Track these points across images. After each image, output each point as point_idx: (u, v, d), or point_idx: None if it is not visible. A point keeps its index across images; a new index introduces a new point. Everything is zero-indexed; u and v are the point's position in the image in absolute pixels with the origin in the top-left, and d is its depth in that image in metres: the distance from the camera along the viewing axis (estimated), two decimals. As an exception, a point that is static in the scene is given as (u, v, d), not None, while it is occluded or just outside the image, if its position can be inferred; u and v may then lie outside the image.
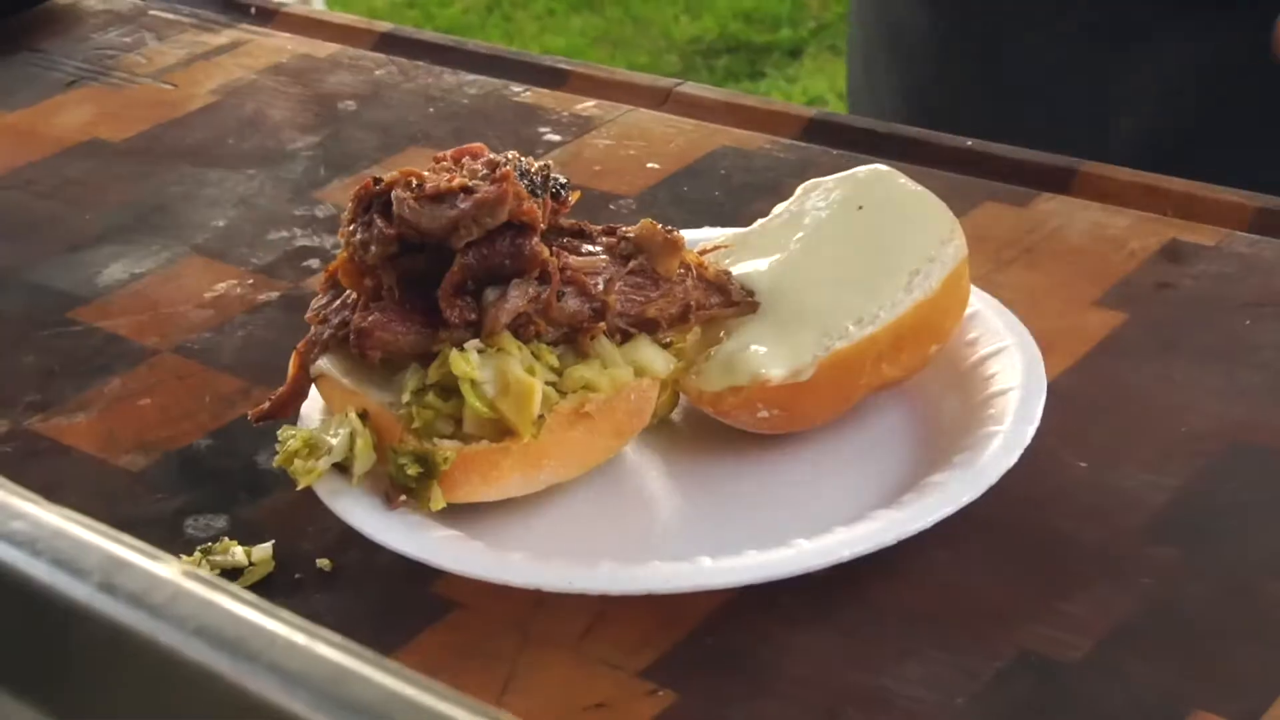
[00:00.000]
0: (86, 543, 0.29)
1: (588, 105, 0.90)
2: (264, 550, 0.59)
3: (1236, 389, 0.63)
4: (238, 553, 0.59)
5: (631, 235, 0.61)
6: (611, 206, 0.80)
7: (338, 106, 0.93)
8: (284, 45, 1.01)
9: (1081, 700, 0.51)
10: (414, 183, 0.58)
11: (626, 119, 0.89)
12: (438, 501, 0.57)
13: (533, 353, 0.58)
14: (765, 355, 0.60)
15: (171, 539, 0.61)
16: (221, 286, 0.77)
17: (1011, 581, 0.55)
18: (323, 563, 0.59)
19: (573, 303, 0.58)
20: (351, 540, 0.59)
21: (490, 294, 0.57)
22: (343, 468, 0.59)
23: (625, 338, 0.60)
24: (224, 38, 1.03)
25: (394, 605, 0.57)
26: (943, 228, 0.63)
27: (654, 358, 0.60)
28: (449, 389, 0.57)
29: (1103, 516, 0.58)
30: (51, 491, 0.64)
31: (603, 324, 0.58)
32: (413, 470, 0.57)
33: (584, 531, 0.59)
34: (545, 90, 0.93)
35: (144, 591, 0.27)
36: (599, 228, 0.62)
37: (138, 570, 0.28)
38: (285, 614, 0.26)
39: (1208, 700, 0.50)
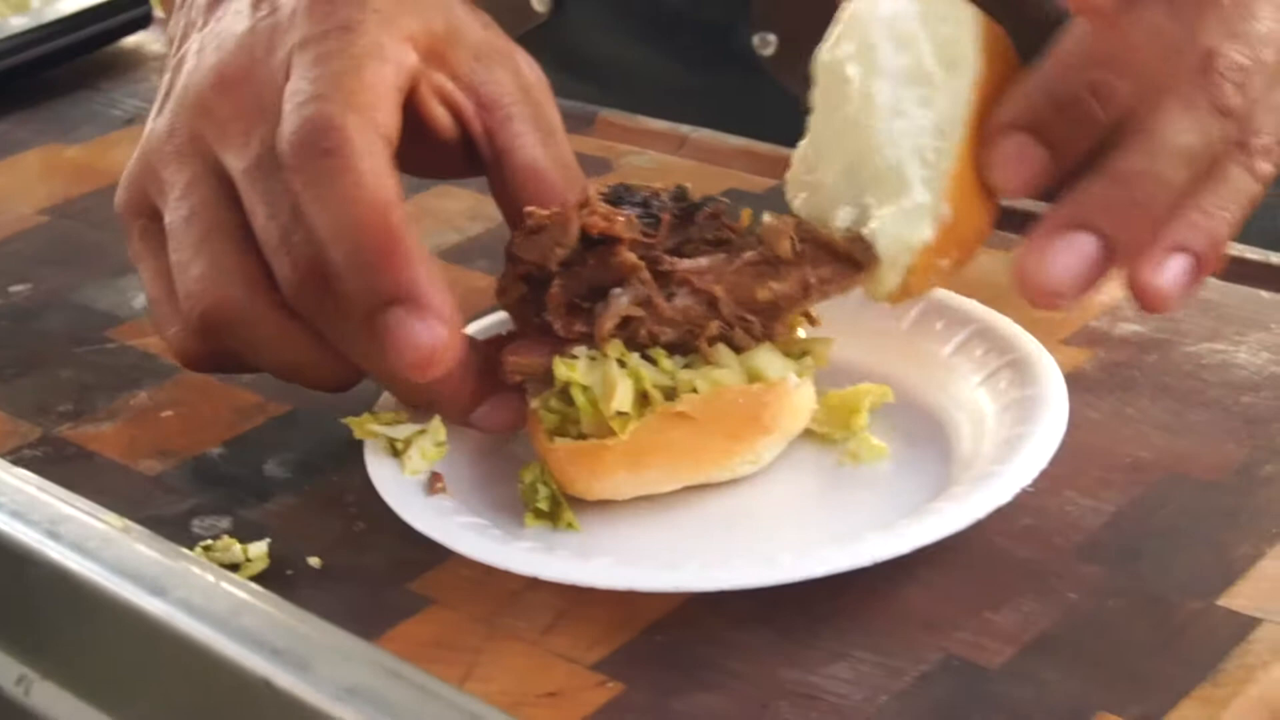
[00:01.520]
0: (36, 498, 0.33)
1: (609, 148, 0.95)
2: (260, 548, 0.64)
3: (1183, 424, 0.67)
4: (235, 549, 0.63)
5: (755, 232, 0.65)
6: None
7: (374, 147, 0.98)
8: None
9: (996, 701, 0.54)
10: (525, 225, 0.65)
11: (643, 161, 0.93)
12: (573, 524, 0.63)
13: (650, 357, 0.62)
14: (903, 226, 0.61)
15: (179, 536, 0.65)
16: (248, 310, 0.82)
17: (944, 593, 0.59)
18: (313, 560, 0.63)
19: (684, 300, 0.62)
20: (342, 542, 0.64)
21: (600, 306, 0.63)
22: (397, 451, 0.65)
23: (748, 331, 0.63)
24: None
25: (375, 600, 0.62)
26: (949, 9, 0.63)
27: (769, 363, 0.63)
28: (569, 394, 0.63)
29: (1040, 537, 0.61)
30: (74, 491, 0.70)
31: (717, 323, 0.62)
32: (544, 504, 0.63)
33: (605, 543, 0.63)
34: (572, 135, 0.98)
35: (82, 539, 0.32)
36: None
37: (78, 522, 0.32)
38: (202, 560, 0.30)
39: (1112, 704, 0.54)
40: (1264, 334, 0.72)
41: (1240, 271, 0.77)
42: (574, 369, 0.62)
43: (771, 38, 0.99)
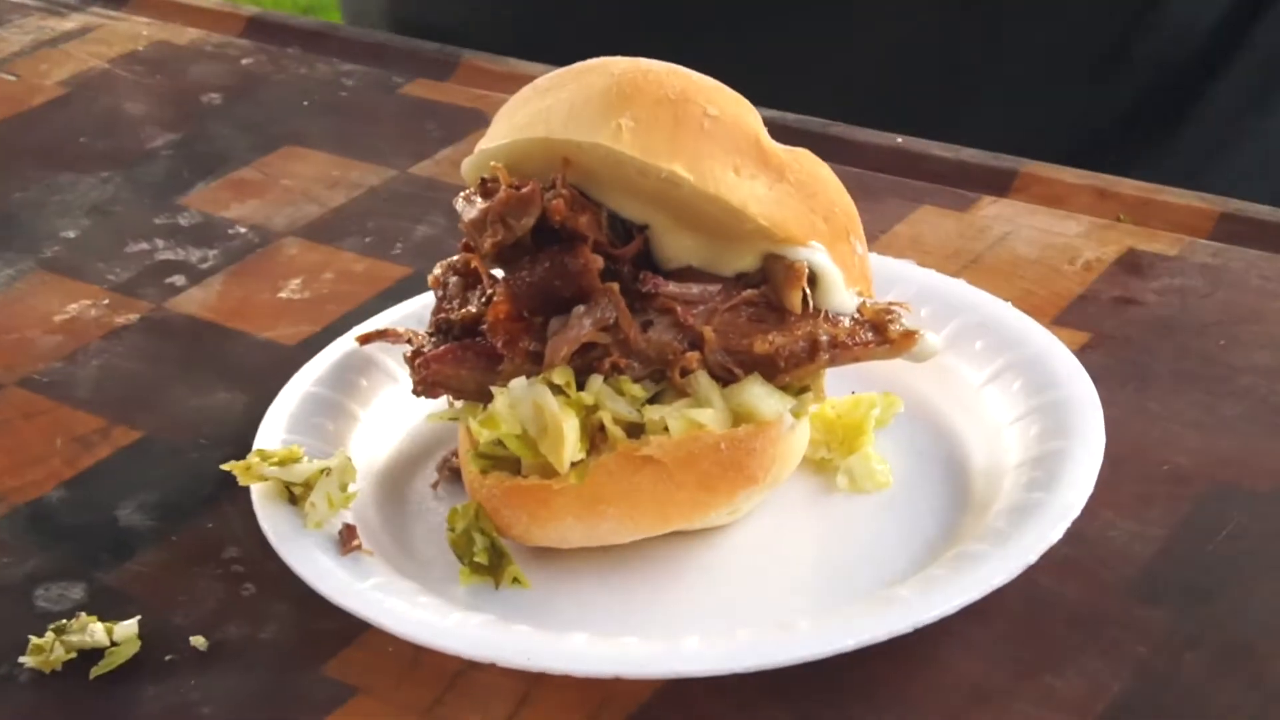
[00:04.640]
0: None
1: (481, 97, 0.83)
2: (128, 628, 0.51)
3: (1217, 421, 0.57)
4: (97, 631, 0.50)
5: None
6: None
7: (201, 100, 0.85)
8: (140, 31, 0.93)
9: (1081, 795, 0.44)
10: (483, 184, 0.51)
11: (523, 114, 0.81)
12: (520, 579, 0.52)
13: (615, 387, 0.50)
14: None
15: (21, 614, 0.52)
16: (74, 308, 0.68)
17: (990, 651, 0.49)
18: (197, 640, 0.51)
19: (663, 333, 0.50)
20: (230, 612, 0.52)
21: (555, 323, 0.50)
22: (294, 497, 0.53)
23: (734, 378, 0.51)
24: (73, 22, 0.94)
25: (283, 691, 0.49)
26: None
27: (761, 400, 0.50)
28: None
29: (1085, 572, 0.51)
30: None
31: (695, 355, 0.50)
32: (482, 556, 0.51)
33: (566, 604, 0.51)
34: (431, 81, 0.86)
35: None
36: None
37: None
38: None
39: (1223, 794, 0.44)
40: None
41: (1234, 230, 0.68)
42: (496, 423, 0.50)
43: None
